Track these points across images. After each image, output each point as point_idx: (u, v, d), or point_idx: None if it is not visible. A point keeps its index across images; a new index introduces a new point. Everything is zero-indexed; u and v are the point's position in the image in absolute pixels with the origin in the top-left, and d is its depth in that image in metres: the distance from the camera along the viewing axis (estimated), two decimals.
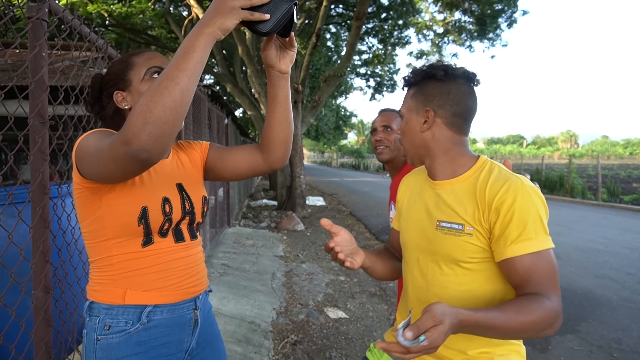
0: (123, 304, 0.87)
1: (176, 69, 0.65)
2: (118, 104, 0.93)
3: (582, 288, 3.84)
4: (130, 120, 0.64)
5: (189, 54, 0.66)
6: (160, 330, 0.90)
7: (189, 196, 0.98)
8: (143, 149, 0.64)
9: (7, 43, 1.36)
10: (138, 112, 0.64)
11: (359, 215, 8.57)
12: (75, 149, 0.83)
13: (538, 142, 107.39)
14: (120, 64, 0.94)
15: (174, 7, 14.13)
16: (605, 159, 45.57)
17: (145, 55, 0.95)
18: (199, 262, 1.00)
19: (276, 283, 3.93)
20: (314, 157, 72.89)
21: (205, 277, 1.03)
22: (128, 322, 0.87)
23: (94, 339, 0.86)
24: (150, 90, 0.65)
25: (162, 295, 0.90)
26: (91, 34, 1.53)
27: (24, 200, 1.38)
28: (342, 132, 30.37)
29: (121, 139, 0.66)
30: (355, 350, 2.66)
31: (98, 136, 0.80)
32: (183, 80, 0.65)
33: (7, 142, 4.59)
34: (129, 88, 0.92)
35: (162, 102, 0.63)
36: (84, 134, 0.85)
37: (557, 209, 9.69)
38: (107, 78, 0.94)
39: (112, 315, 0.87)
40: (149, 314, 0.88)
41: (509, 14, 12.00)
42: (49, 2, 1.24)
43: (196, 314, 0.97)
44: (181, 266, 0.93)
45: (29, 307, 1.26)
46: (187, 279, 0.95)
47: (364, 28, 14.47)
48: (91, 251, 0.91)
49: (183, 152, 1.07)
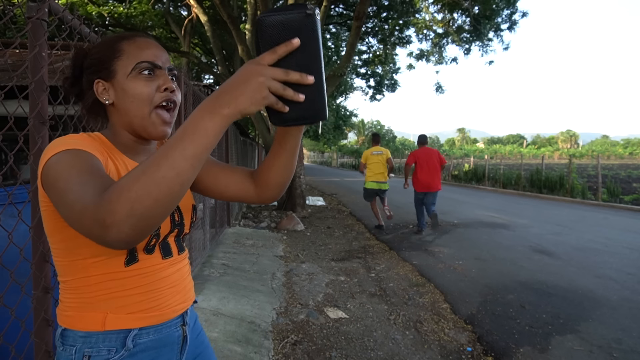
0: (103, 330, 0.75)
1: (181, 156, 0.52)
2: (98, 95, 0.80)
3: (582, 288, 3.84)
4: (112, 201, 0.51)
5: (199, 138, 0.54)
6: (148, 354, 0.80)
7: (178, 206, 0.86)
8: (121, 240, 0.53)
9: (7, 43, 1.36)
10: (125, 199, 0.51)
11: (359, 215, 8.57)
12: (42, 168, 0.67)
13: (538, 142, 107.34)
14: (106, 49, 0.79)
15: (173, 7, 14.12)
16: (605, 159, 45.56)
17: (137, 43, 0.79)
18: (186, 276, 0.92)
19: (276, 283, 3.93)
20: (314, 157, 72.88)
21: (192, 291, 0.95)
22: (111, 350, 0.75)
23: None
24: (144, 173, 0.52)
25: (148, 317, 0.79)
26: (91, 34, 1.53)
27: (24, 200, 1.38)
28: (342, 132, 30.37)
29: (97, 219, 0.52)
30: (355, 350, 2.66)
31: (71, 166, 0.63)
32: (186, 171, 0.53)
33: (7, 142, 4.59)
34: (112, 80, 0.78)
35: (156, 194, 0.51)
36: (54, 145, 0.68)
37: (557, 209, 9.69)
38: (89, 62, 0.80)
39: (91, 344, 0.74)
40: (135, 338, 0.77)
41: (508, 15, 11.99)
42: (49, 2, 1.24)
43: (184, 330, 0.88)
44: (168, 284, 0.84)
45: (29, 307, 1.26)
46: (174, 297, 0.85)
47: (364, 28, 14.47)
48: (63, 270, 0.77)
49: None
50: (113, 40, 0.81)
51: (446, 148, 77.29)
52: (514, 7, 11.68)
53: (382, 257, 5.15)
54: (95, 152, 0.72)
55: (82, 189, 0.58)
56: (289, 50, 0.57)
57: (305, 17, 0.58)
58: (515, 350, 2.66)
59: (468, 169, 18.95)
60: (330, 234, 6.67)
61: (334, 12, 15.44)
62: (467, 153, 49.85)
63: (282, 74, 0.56)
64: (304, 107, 0.59)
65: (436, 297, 3.66)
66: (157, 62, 0.79)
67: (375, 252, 5.39)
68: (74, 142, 0.70)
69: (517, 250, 5.33)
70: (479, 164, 20.61)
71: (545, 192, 13.04)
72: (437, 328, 3.02)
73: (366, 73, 18.40)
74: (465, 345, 2.75)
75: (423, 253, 5.27)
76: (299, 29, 0.58)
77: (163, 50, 0.83)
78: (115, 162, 0.79)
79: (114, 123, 0.82)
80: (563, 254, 5.12)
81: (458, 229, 6.87)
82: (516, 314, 3.25)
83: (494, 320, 3.14)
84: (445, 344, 2.77)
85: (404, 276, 4.32)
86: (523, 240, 5.87)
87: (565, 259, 4.90)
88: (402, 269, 4.57)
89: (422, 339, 2.84)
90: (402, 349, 2.70)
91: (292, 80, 0.56)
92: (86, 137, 0.77)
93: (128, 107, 0.78)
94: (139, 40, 0.80)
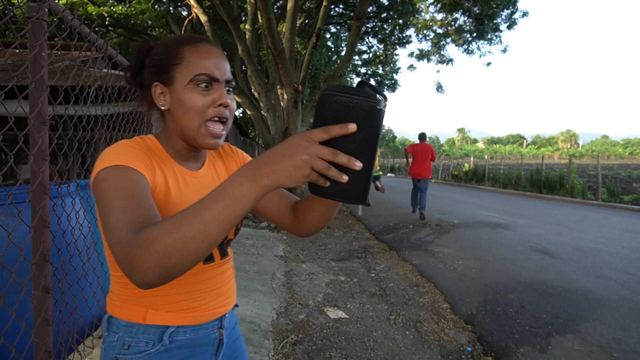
0: (144, 323, 0.80)
1: (214, 219, 0.52)
2: (155, 99, 0.80)
3: (582, 288, 3.84)
4: (142, 248, 0.53)
5: (234, 205, 0.53)
6: (183, 351, 0.84)
7: None
8: (145, 284, 0.55)
9: (7, 43, 1.36)
10: (154, 251, 0.52)
11: (359, 215, 8.57)
12: (93, 178, 0.70)
13: (538, 142, 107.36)
14: (168, 53, 0.79)
15: (173, 7, 14.13)
16: (605, 159, 45.59)
17: (200, 52, 0.78)
18: (228, 280, 0.93)
19: (276, 283, 3.93)
20: None
21: (234, 295, 0.96)
22: (149, 343, 0.80)
23: (112, 357, 0.80)
24: (177, 229, 0.52)
25: (186, 317, 0.83)
26: (91, 34, 1.53)
27: (24, 200, 1.38)
28: None
29: (127, 258, 0.55)
30: (355, 350, 2.66)
31: (117, 187, 0.66)
32: (217, 234, 0.53)
33: (7, 142, 4.59)
34: (170, 87, 0.78)
35: (184, 251, 0.52)
36: (106, 156, 0.71)
37: (557, 209, 9.69)
38: (151, 60, 0.81)
39: (132, 334, 0.80)
40: (172, 335, 0.82)
41: (508, 15, 12.00)
42: (49, 2, 1.24)
43: (221, 333, 0.91)
44: (209, 287, 0.87)
45: (29, 307, 1.26)
46: (214, 300, 0.88)
47: (364, 28, 14.47)
48: (112, 265, 0.82)
49: (220, 159, 0.96)
50: (175, 43, 0.80)
51: (446, 148, 77.27)
52: (515, 6, 11.69)
53: (382, 257, 5.15)
54: (143, 166, 0.73)
55: (122, 217, 0.60)
56: (343, 134, 0.55)
57: (372, 109, 0.56)
58: (515, 350, 2.66)
59: (468, 169, 18.95)
60: (330, 233, 6.67)
61: (334, 12, 15.44)
62: (467, 153, 49.78)
63: (330, 154, 0.53)
64: (345, 187, 0.57)
65: (436, 297, 3.66)
66: (215, 75, 0.78)
67: (375, 252, 5.39)
68: (125, 155, 0.72)
69: (517, 250, 5.33)
70: (479, 164, 20.63)
71: (545, 192, 13.04)
72: (437, 328, 3.02)
73: (366, 73, 18.41)
74: (465, 345, 2.75)
75: (423, 253, 5.27)
76: (361, 116, 0.56)
77: (224, 59, 0.82)
78: (164, 171, 0.80)
79: (169, 128, 0.83)
80: (563, 254, 5.12)
81: (458, 229, 6.87)
82: (516, 314, 3.25)
83: (494, 320, 3.14)
84: (445, 344, 2.77)
85: (404, 276, 4.32)
86: (523, 240, 5.87)
87: (565, 259, 4.90)
88: (402, 269, 4.57)
89: (422, 339, 2.84)
90: (402, 349, 2.70)
91: (339, 163, 0.54)
92: (137, 145, 0.78)
93: (181, 117, 0.79)
94: (201, 48, 0.79)
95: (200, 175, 0.87)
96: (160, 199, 0.77)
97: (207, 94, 0.77)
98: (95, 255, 1.95)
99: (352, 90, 0.57)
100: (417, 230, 6.83)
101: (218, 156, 0.96)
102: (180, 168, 0.84)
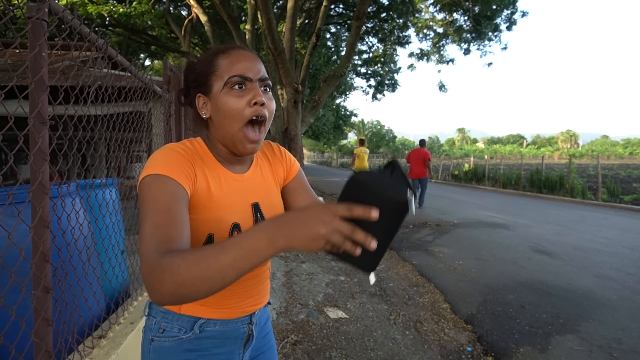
0: (179, 312, 0.87)
1: (230, 265, 0.56)
2: (198, 109, 0.85)
3: (582, 288, 3.84)
4: (164, 272, 0.58)
5: (251, 257, 0.57)
6: (212, 341, 0.89)
7: (263, 218, 0.89)
8: (160, 304, 0.61)
9: (7, 43, 1.36)
10: (172, 281, 0.57)
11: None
12: (140, 181, 0.75)
13: (538, 142, 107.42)
14: (205, 64, 0.84)
15: (174, 7, 14.13)
16: (605, 159, 45.60)
17: (231, 57, 0.82)
18: (263, 281, 0.97)
19: (276, 283, 3.93)
20: (314, 157, 72.89)
21: (267, 294, 0.99)
22: (181, 330, 0.87)
23: (149, 338, 0.88)
24: (196, 265, 0.57)
25: (217, 312, 0.89)
26: (91, 34, 1.53)
27: (24, 200, 1.38)
28: (342, 132, 30.37)
29: (149, 276, 0.60)
30: (355, 350, 2.66)
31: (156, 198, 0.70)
32: (230, 277, 0.57)
33: (7, 142, 4.59)
34: (210, 95, 0.82)
35: (199, 286, 0.57)
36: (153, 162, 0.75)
37: (557, 209, 9.69)
38: (192, 77, 0.86)
39: (168, 320, 0.88)
40: (202, 326, 0.88)
41: (508, 15, 12.00)
42: (49, 2, 1.24)
43: (250, 329, 0.95)
44: (243, 287, 0.91)
45: (29, 307, 1.26)
46: (246, 300, 0.92)
47: (364, 28, 14.46)
48: None
49: (267, 161, 0.98)
50: (211, 54, 0.84)
51: (446, 148, 77.29)
52: (514, 6, 11.69)
53: None
54: (184, 175, 0.76)
55: (155, 232, 0.66)
56: (365, 218, 0.56)
57: (398, 203, 0.58)
58: (515, 350, 2.66)
59: (468, 169, 18.95)
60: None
61: (334, 12, 15.43)
62: (467, 153, 49.77)
63: (349, 230, 0.56)
64: (358, 257, 0.59)
65: (436, 297, 3.66)
66: (248, 75, 0.80)
67: None
68: (169, 163, 0.75)
69: (517, 250, 5.33)
70: (479, 164, 20.61)
71: (545, 192, 13.04)
72: (437, 328, 3.02)
73: (366, 73, 18.40)
74: (465, 345, 2.75)
75: (423, 253, 5.27)
76: (387, 207, 0.57)
77: (257, 60, 0.83)
78: (207, 175, 0.82)
79: (212, 136, 0.87)
80: (563, 254, 5.12)
81: (458, 229, 6.87)
82: (516, 314, 3.25)
83: (494, 320, 3.14)
84: (445, 344, 2.77)
85: (404, 276, 4.32)
86: (523, 240, 5.87)
87: (565, 259, 4.90)
88: (402, 269, 4.57)
89: (422, 339, 2.84)
90: (402, 349, 2.70)
91: (356, 239, 0.56)
92: (184, 151, 0.80)
93: (222, 122, 0.81)
94: (233, 53, 0.82)
95: (245, 178, 0.90)
96: (202, 200, 0.80)
97: (242, 95, 0.79)
98: (95, 255, 1.95)
99: (384, 180, 0.58)
100: (417, 230, 6.83)
101: (265, 158, 0.98)
102: (225, 171, 0.87)
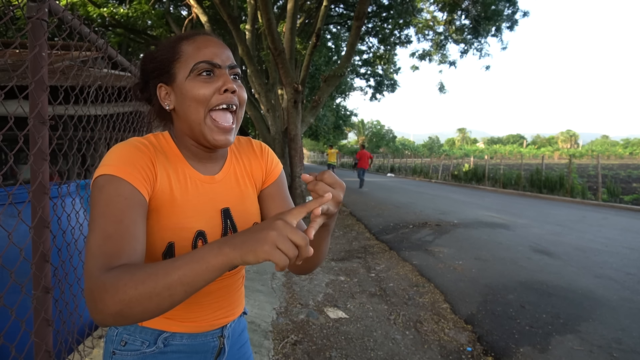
0: (140, 325, 0.80)
1: (179, 280, 0.53)
2: (160, 100, 0.76)
3: (582, 288, 3.84)
4: (107, 292, 0.54)
5: (201, 271, 0.53)
6: (179, 355, 0.82)
7: (234, 225, 0.81)
8: (101, 325, 0.57)
9: (7, 43, 1.36)
10: (118, 300, 0.53)
11: (359, 215, 8.57)
12: (93, 180, 0.69)
13: (538, 142, 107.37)
14: (167, 51, 0.76)
15: (174, 7, 14.13)
16: (605, 159, 45.59)
17: (197, 43, 0.74)
18: (234, 292, 0.88)
19: (276, 283, 3.93)
20: (314, 157, 72.88)
21: (240, 305, 0.91)
22: (144, 343, 0.80)
23: (110, 351, 0.81)
24: (143, 283, 0.53)
25: (181, 325, 0.81)
26: (91, 34, 1.53)
27: (24, 200, 1.38)
28: (342, 132, 30.37)
29: (91, 293, 0.56)
30: (355, 350, 2.66)
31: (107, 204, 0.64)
32: (179, 294, 0.54)
33: (7, 142, 4.59)
34: (173, 84, 0.74)
35: (146, 305, 0.53)
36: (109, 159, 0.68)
37: (557, 209, 9.69)
38: (151, 66, 0.77)
39: (130, 332, 0.80)
40: (167, 339, 0.81)
41: (509, 15, 11.99)
42: (49, 2, 1.24)
43: (222, 342, 0.87)
44: (211, 300, 0.83)
45: (29, 307, 1.26)
46: (215, 312, 0.85)
47: (364, 28, 14.46)
48: None
49: (246, 160, 0.88)
50: (174, 41, 0.77)
51: (446, 148, 77.27)
52: (515, 6, 11.68)
53: (382, 257, 5.15)
54: (142, 178, 0.69)
55: (102, 244, 0.61)
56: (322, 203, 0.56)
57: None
58: (515, 350, 2.66)
59: (468, 169, 18.95)
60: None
61: (334, 12, 15.42)
62: (467, 153, 49.76)
63: (298, 238, 0.53)
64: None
65: (436, 297, 3.66)
66: (216, 61, 0.73)
67: (375, 252, 5.39)
68: (127, 162, 0.68)
69: (517, 250, 5.33)
70: (479, 164, 20.61)
71: (545, 192, 13.04)
72: (437, 328, 3.02)
73: (366, 73, 18.40)
74: (465, 345, 2.75)
75: (423, 253, 5.27)
76: None
77: (224, 47, 0.77)
78: (170, 175, 0.75)
79: (177, 129, 0.79)
80: (563, 254, 5.12)
81: (458, 229, 6.87)
82: (516, 314, 3.25)
83: (494, 320, 3.14)
84: (445, 344, 2.77)
85: (404, 276, 4.32)
86: (523, 240, 5.87)
87: (565, 259, 4.90)
88: (402, 269, 4.57)
89: (422, 339, 2.84)
90: (402, 349, 2.70)
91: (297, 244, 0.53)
92: (145, 147, 0.73)
93: (186, 112, 0.73)
94: (198, 39, 0.75)
95: (216, 180, 0.81)
96: (162, 204, 0.73)
97: (210, 82, 0.72)
98: None
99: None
100: (417, 230, 6.83)
101: (242, 157, 0.88)
102: (193, 171, 0.79)
